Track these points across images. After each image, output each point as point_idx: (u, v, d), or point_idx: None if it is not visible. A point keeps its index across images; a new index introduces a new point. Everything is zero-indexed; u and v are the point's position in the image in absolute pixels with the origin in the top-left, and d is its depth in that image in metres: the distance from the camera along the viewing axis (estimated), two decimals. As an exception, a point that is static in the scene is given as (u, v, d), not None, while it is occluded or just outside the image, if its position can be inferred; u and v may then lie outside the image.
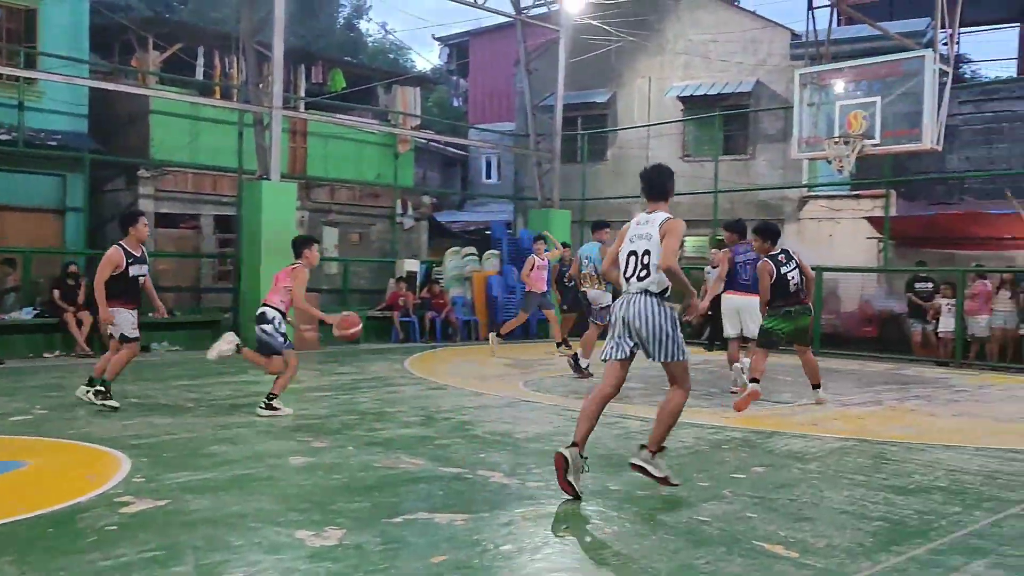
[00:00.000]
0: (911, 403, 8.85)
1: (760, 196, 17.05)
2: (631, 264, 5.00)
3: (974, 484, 5.26)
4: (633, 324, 4.87)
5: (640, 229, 5.05)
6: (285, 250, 8.18)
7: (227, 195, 16.10)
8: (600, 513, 4.49)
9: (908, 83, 12.40)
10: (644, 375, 10.77)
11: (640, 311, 4.85)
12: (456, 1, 16.11)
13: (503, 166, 26.56)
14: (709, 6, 18.71)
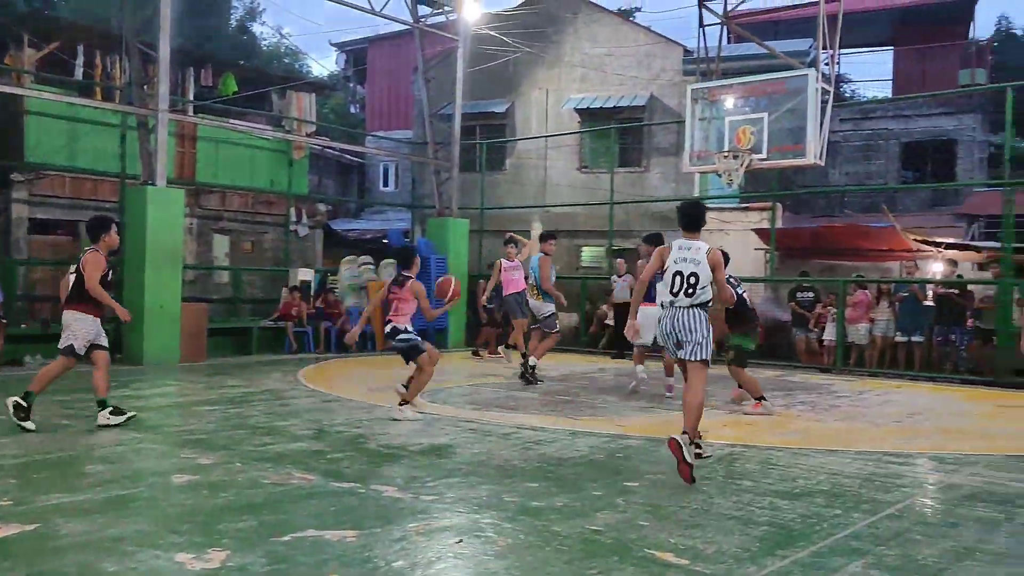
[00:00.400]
0: (796, 409, 9.16)
1: (654, 208, 17.43)
2: (678, 282, 5.85)
3: (853, 487, 5.46)
4: (678, 331, 5.82)
5: (684, 254, 5.89)
6: (172, 258, 7.87)
7: (109, 201, 15.40)
8: (494, 525, 4.45)
9: (793, 100, 12.90)
10: (543, 386, 10.82)
11: (686, 321, 5.79)
12: (353, 7, 15.90)
13: (401, 174, 26.37)
14: (605, 21, 19.06)
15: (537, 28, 18.88)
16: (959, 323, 12.98)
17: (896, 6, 23.04)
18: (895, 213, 15.58)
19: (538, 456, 6.24)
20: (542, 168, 19.22)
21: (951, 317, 12.99)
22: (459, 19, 17.15)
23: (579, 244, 18.80)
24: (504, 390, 10.26)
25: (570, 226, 18.59)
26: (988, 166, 20.09)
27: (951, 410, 9.50)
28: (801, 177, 19.04)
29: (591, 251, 18.71)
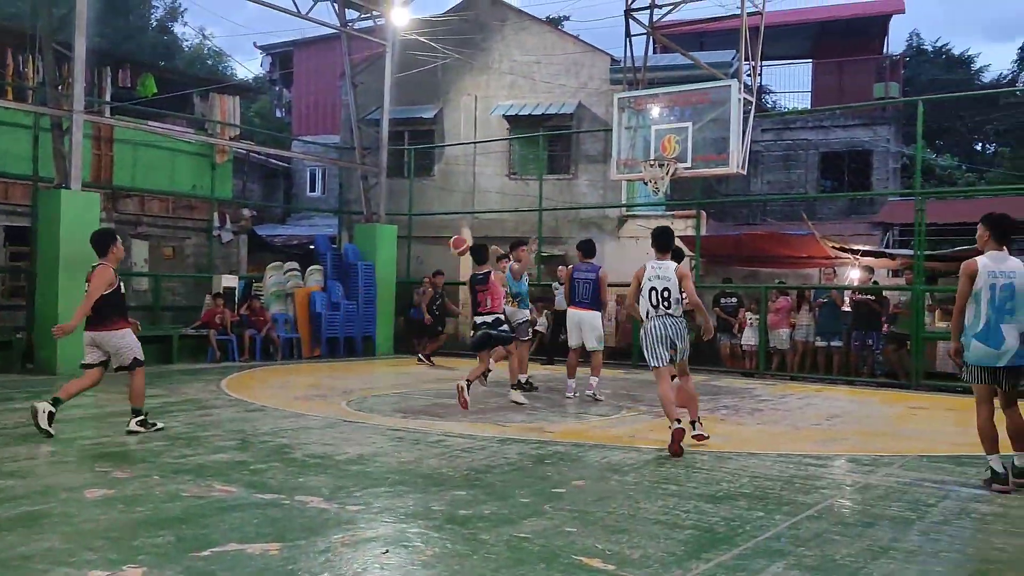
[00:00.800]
0: (720, 413, 9.32)
1: (582, 214, 17.58)
2: (654, 297, 7.08)
3: (775, 489, 5.57)
4: (672, 336, 7.04)
5: (656, 272, 7.13)
6: (85, 263, 7.60)
7: (21, 204, 14.82)
8: (421, 535, 4.40)
9: (716, 111, 13.17)
10: (471, 391, 10.79)
11: (680, 329, 7.08)
12: (279, 10, 15.65)
13: (328, 179, 26.05)
14: (533, 29, 19.17)
15: (466, 35, 18.88)
16: (875, 328, 13.42)
17: (815, 20, 23.75)
18: (814, 221, 16.02)
19: (466, 464, 6.22)
20: (471, 174, 19.21)
21: (867, 322, 13.43)
22: (387, 24, 17.05)
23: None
24: (432, 397, 10.20)
25: (499, 232, 18.60)
26: (901, 176, 20.83)
27: (868, 413, 9.80)
28: (724, 186, 19.47)
29: (520, 257, 18.77)
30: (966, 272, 5.76)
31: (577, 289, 10.22)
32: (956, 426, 8.63)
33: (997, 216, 5.98)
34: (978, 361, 5.74)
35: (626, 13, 14.88)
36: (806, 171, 20.93)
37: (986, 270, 5.71)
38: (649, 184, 13.69)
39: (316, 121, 27.75)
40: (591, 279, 10.14)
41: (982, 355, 5.71)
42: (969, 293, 5.75)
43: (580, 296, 10.17)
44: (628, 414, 9.06)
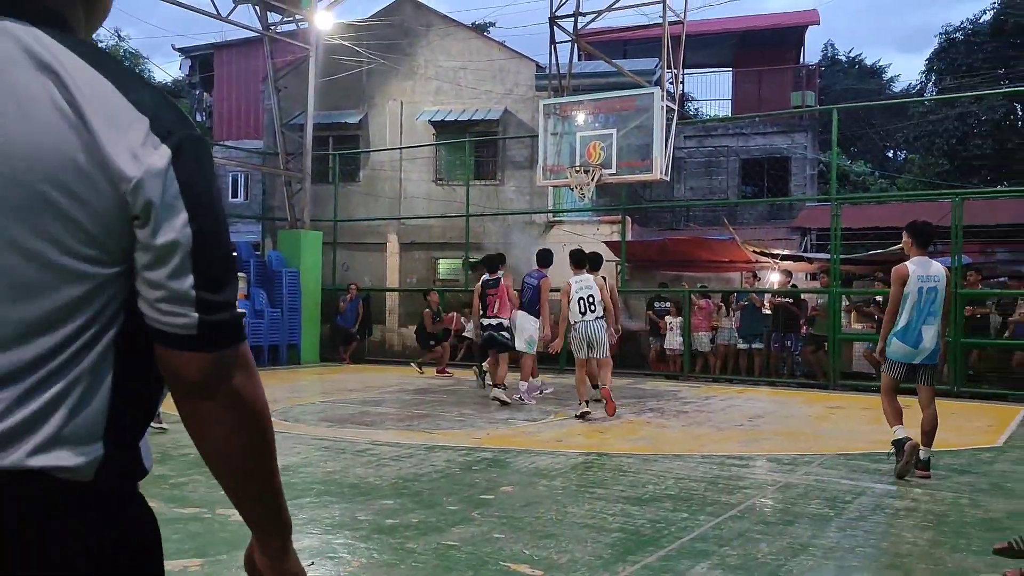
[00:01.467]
0: (646, 416, 9.45)
1: (509, 220, 17.63)
2: (582, 305, 8.96)
3: (699, 490, 5.67)
4: (591, 337, 8.95)
5: (581, 284, 9.08)
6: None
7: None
8: (347, 545, 4.34)
9: (640, 118, 13.37)
10: (399, 398, 10.72)
11: (596, 331, 8.97)
12: (198, 12, 15.30)
13: (251, 185, 25.57)
14: (459, 34, 19.16)
15: (391, 40, 18.77)
16: (794, 330, 13.79)
17: (735, 30, 24.33)
18: (736, 226, 16.39)
19: (394, 472, 6.16)
20: (397, 180, 19.08)
21: (786, 324, 13.79)
22: (311, 28, 16.83)
23: (435, 257, 18.78)
24: (359, 405, 10.09)
25: (426, 238, 18.55)
26: (818, 182, 21.47)
27: (788, 413, 10.06)
28: (649, 191, 19.76)
29: (448, 263, 18.72)
30: (899, 277, 6.10)
31: (524, 293, 10.82)
32: (871, 424, 8.92)
33: (920, 224, 6.34)
34: (898, 358, 6.16)
35: (551, 20, 15.01)
36: (727, 177, 21.39)
37: (915, 275, 6.07)
38: (575, 190, 13.82)
39: (238, 126, 27.21)
40: (534, 285, 10.59)
41: (901, 353, 6.13)
42: (901, 297, 6.08)
43: (524, 298, 10.80)
44: (556, 418, 9.11)
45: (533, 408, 9.92)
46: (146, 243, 1.05)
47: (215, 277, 1.10)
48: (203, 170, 1.10)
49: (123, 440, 1.13)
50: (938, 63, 27.91)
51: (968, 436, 8.23)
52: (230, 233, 1.17)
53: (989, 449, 7.49)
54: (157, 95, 1.10)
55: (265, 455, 1.20)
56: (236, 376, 1.13)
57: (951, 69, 26.38)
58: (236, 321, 1.13)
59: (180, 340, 1.08)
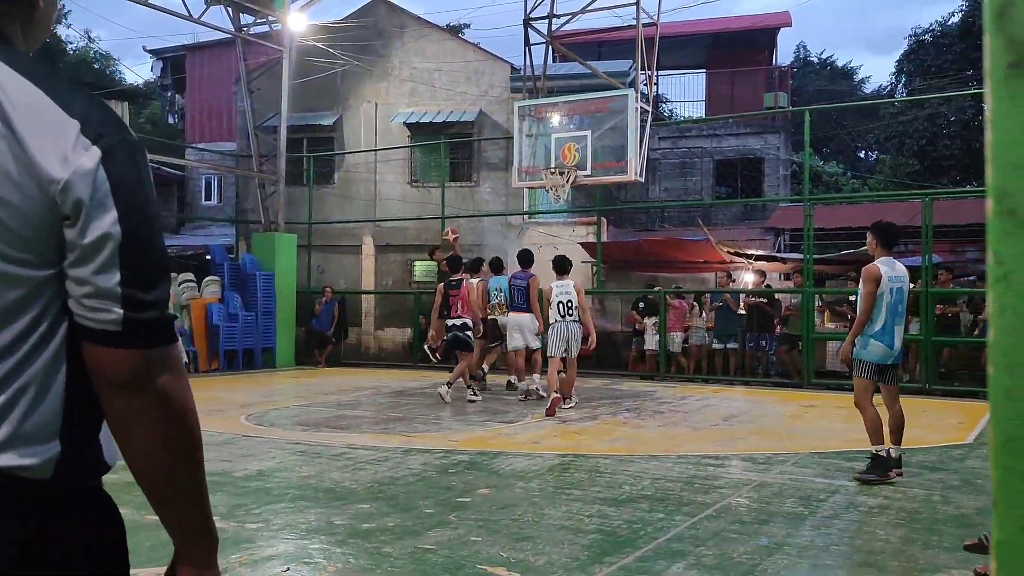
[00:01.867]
0: (622, 416, 9.48)
1: (485, 222, 17.63)
2: (562, 308, 9.76)
3: (675, 490, 5.69)
4: (568, 337, 9.70)
5: (561, 289, 9.87)
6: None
7: None
8: (323, 550, 4.31)
9: (615, 119, 13.42)
10: (375, 401, 10.69)
11: (573, 331, 9.72)
12: (169, 13, 15.17)
13: (224, 187, 25.39)
14: (434, 36, 19.13)
15: (365, 41, 18.71)
16: (768, 330, 13.90)
17: (708, 32, 24.49)
18: (710, 227, 16.48)
19: (370, 476, 6.13)
20: (372, 182, 19.01)
21: (761, 324, 13.89)
22: (284, 30, 16.73)
23: (411, 259, 18.73)
24: (335, 409, 10.03)
25: (401, 240, 18.49)
26: (791, 182, 21.66)
27: (763, 412, 10.13)
28: (624, 193, 19.83)
29: (423, 265, 18.68)
30: (872, 277, 5.97)
31: (515, 295, 11.10)
32: (845, 423, 9.00)
33: (885, 224, 6.28)
34: (875, 359, 6.02)
35: (525, 22, 15.03)
36: (701, 178, 21.51)
37: (886, 275, 6.02)
38: (550, 191, 13.83)
39: (211, 128, 26.99)
40: (523, 286, 10.99)
41: (879, 354, 6.00)
42: (875, 297, 6.00)
43: (518, 302, 11.06)
44: (533, 420, 9.11)
45: (511, 410, 9.92)
46: (74, 242, 1.08)
47: (144, 276, 1.12)
48: (135, 171, 1.13)
49: (80, 437, 1.16)
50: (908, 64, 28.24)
51: (939, 433, 8.34)
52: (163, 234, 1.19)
53: (960, 446, 7.58)
54: (88, 99, 1.13)
55: (191, 457, 1.20)
56: (163, 376, 1.14)
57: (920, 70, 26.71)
58: (166, 321, 1.15)
59: (105, 336, 1.10)
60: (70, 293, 1.10)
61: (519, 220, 17.61)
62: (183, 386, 1.17)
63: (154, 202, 1.16)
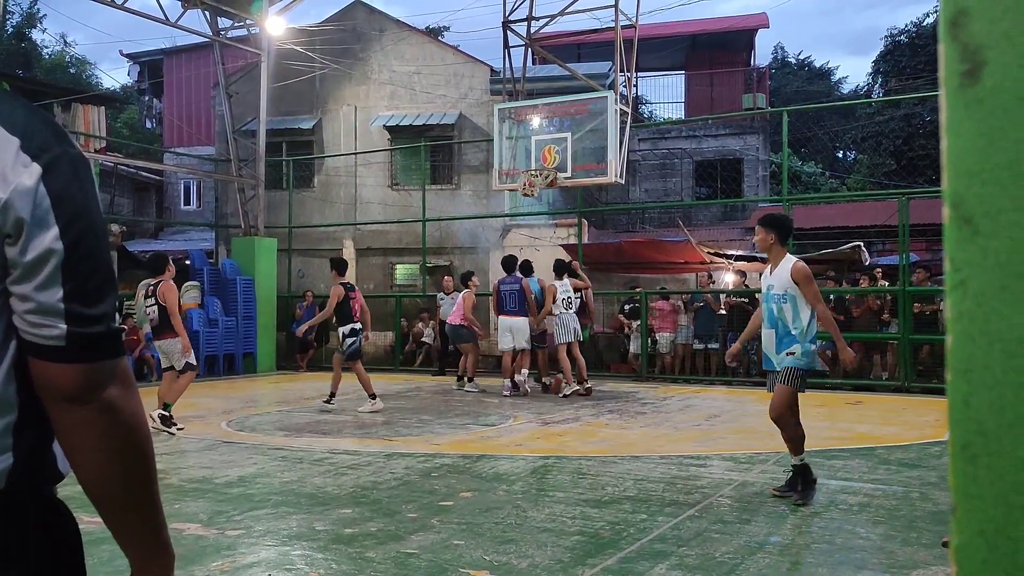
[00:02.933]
0: (605, 418, 9.50)
1: (467, 225, 17.62)
2: (566, 303, 11.50)
3: (657, 491, 5.71)
4: (576, 330, 11.54)
5: (565, 287, 11.54)
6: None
7: None
8: (305, 556, 4.30)
9: (594, 121, 13.45)
10: (357, 405, 10.64)
11: (574, 322, 11.50)
12: (146, 17, 15.07)
13: (203, 192, 25.23)
14: (413, 39, 19.11)
15: (344, 45, 18.66)
16: (749, 329, 13.95)
17: (686, 34, 24.61)
18: (690, 227, 16.54)
19: (352, 481, 6.11)
20: (352, 185, 18.96)
21: (741, 324, 13.94)
22: (262, 33, 16.66)
23: (392, 262, 18.69)
24: (316, 413, 10.00)
25: (383, 244, 18.45)
26: (770, 183, 21.79)
27: (744, 411, 10.17)
28: (605, 194, 19.88)
29: (405, 268, 18.65)
30: (811, 274, 5.50)
31: (505, 300, 11.71)
32: (825, 421, 9.07)
33: (781, 216, 5.87)
34: (817, 365, 5.60)
35: (504, 25, 15.04)
36: (681, 179, 21.60)
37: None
38: (522, 190, 13.80)
39: (189, 132, 26.83)
40: (516, 290, 11.65)
41: (816, 360, 5.54)
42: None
43: (508, 305, 11.67)
44: (515, 423, 9.12)
45: (492, 412, 9.91)
46: (15, 260, 1.07)
47: (87, 290, 1.11)
48: (78, 185, 1.12)
49: (33, 448, 1.15)
50: (884, 65, 28.51)
51: (917, 430, 8.41)
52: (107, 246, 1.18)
53: (938, 443, 7.64)
54: (30, 114, 1.12)
55: (142, 470, 1.20)
56: (110, 389, 1.14)
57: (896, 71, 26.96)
58: (111, 335, 1.14)
59: (50, 352, 1.10)
60: (14, 309, 1.10)
61: (501, 223, 17.61)
62: (131, 398, 1.17)
63: (98, 215, 1.15)
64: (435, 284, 16.51)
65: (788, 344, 5.41)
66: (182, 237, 24.30)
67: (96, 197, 1.15)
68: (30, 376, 1.12)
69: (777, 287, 5.47)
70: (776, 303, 5.46)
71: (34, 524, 1.17)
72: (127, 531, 1.23)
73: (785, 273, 5.44)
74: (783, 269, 5.47)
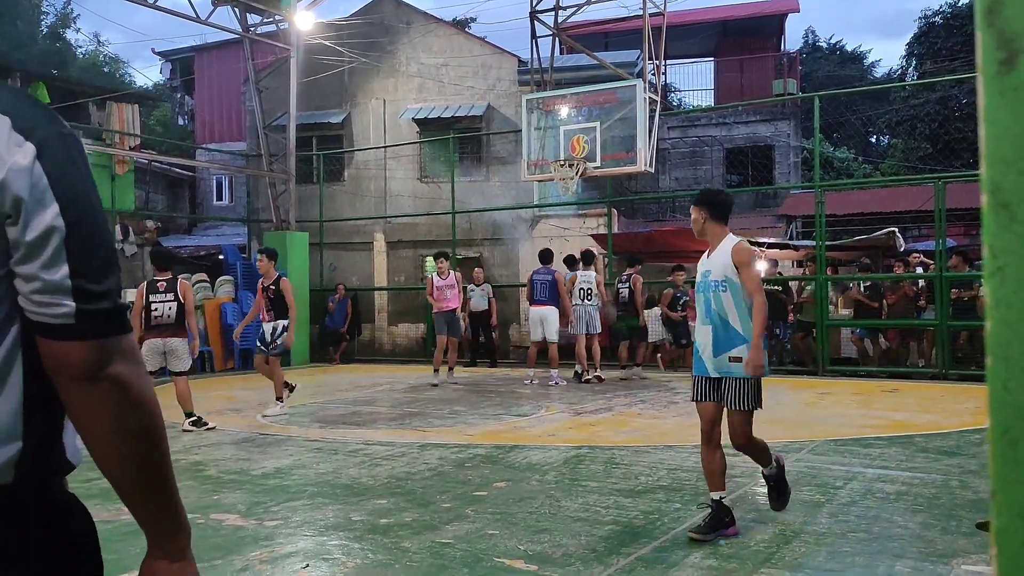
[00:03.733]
0: (638, 408, 9.48)
1: (496, 217, 17.64)
2: (582, 294, 11.82)
3: (691, 480, 5.70)
4: (587, 321, 11.76)
5: (584, 279, 11.90)
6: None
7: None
8: (342, 546, 4.35)
9: (623, 110, 13.39)
10: (390, 398, 10.73)
11: (589, 314, 11.82)
12: (177, 15, 15.23)
13: (235, 187, 25.48)
14: (440, 31, 19.14)
15: (372, 38, 18.73)
16: (782, 318, 13.85)
17: (715, 20, 24.39)
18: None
19: (386, 472, 6.17)
20: (382, 178, 19.05)
21: (775, 312, 13.83)
22: (291, 28, 16.77)
23: (422, 254, 18.76)
24: (350, 406, 10.09)
25: (412, 236, 18.54)
26: (802, 169, 21.57)
27: (778, 400, 10.07)
28: (634, 183, 19.79)
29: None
30: (753, 255, 4.69)
31: (537, 289, 11.88)
32: (861, 409, 9.00)
33: (715, 191, 5.11)
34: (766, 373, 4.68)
35: (531, 15, 15.01)
36: (712, 167, 21.44)
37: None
38: (559, 184, 13.83)
39: (220, 128, 27.08)
40: (548, 280, 11.85)
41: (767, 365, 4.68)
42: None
43: (539, 295, 11.83)
44: (547, 413, 9.14)
45: (525, 403, 9.94)
46: (18, 240, 1.07)
47: (92, 267, 1.11)
48: (73, 163, 1.12)
49: (41, 437, 1.15)
50: (918, 47, 28.05)
51: (956, 418, 8.30)
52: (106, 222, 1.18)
53: (978, 430, 7.54)
54: (16, 94, 1.12)
55: (154, 445, 1.19)
56: (119, 364, 1.13)
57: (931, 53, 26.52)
58: (118, 311, 1.14)
59: (59, 330, 1.09)
60: (19, 291, 1.09)
61: (530, 213, 17.61)
62: (140, 374, 1.16)
63: (94, 192, 1.15)
64: (465, 276, 16.55)
65: (729, 345, 4.46)
66: (215, 232, 24.56)
67: (90, 175, 1.15)
68: (37, 360, 1.11)
69: (715, 272, 4.54)
70: (713, 292, 4.53)
71: (34, 524, 1.15)
72: (143, 508, 1.23)
73: (725, 255, 4.52)
74: (722, 251, 4.56)
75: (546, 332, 11.84)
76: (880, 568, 3.88)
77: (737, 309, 4.47)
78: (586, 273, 11.97)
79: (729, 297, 4.47)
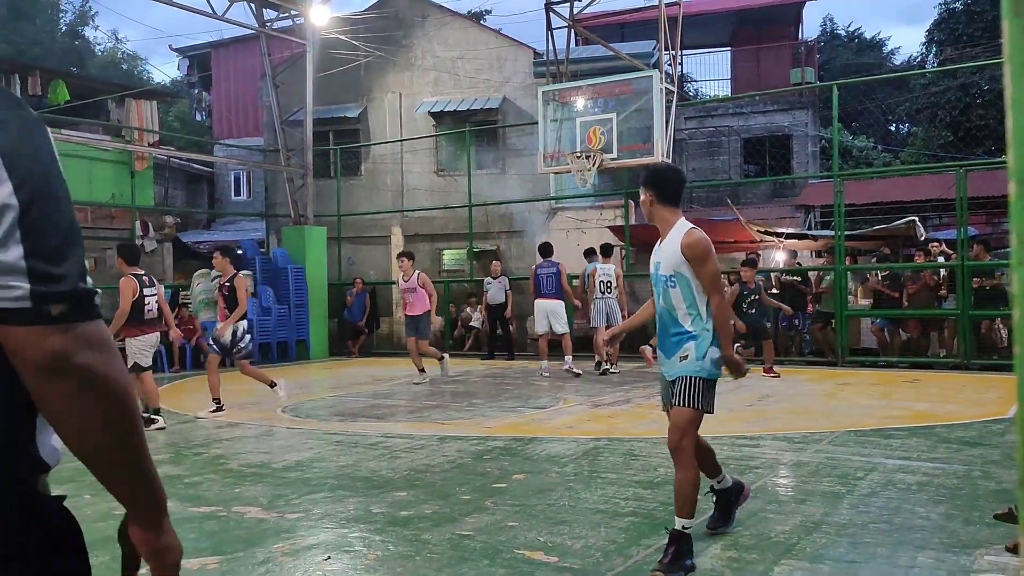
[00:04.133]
0: (656, 400, 9.44)
1: (513, 209, 17.63)
2: (603, 286, 11.99)
3: (711, 472, 5.68)
4: (609, 314, 11.88)
5: (604, 271, 12.04)
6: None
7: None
8: (363, 538, 4.38)
9: (639, 101, 13.34)
10: (409, 391, 10.77)
11: (616, 308, 12.00)
12: (194, 11, 15.30)
13: (253, 182, 25.61)
14: (455, 24, 19.11)
15: (387, 32, 18.74)
16: (801, 308, 13.77)
17: (732, 9, 24.22)
18: (739, 206, 16.36)
19: (406, 464, 6.20)
20: (399, 172, 19.08)
21: (794, 303, 13.76)
22: (307, 23, 16.81)
23: (440, 248, 18.79)
24: (369, 399, 10.13)
25: (430, 230, 18.55)
26: (820, 158, 21.41)
27: (797, 391, 10.07)
28: (651, 174, 19.68)
29: (452, 254, 18.74)
30: (710, 249, 3.98)
31: (542, 283, 12.01)
32: (881, 399, 8.94)
33: (663, 168, 4.54)
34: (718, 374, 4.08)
35: (547, 6, 14.98)
36: (729, 157, 21.33)
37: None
38: (576, 176, 13.80)
39: (238, 124, 27.22)
40: (552, 273, 11.95)
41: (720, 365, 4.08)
42: None
43: (545, 288, 11.96)
44: (565, 405, 9.14)
45: (543, 395, 9.95)
46: None
47: (50, 247, 1.06)
48: (30, 142, 1.08)
49: (12, 436, 1.10)
50: (938, 34, 27.72)
51: (979, 408, 8.24)
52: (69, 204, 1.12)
53: (1000, 420, 7.49)
54: None
55: (127, 434, 1.14)
56: (88, 354, 1.07)
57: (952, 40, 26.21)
58: (80, 294, 1.08)
59: (17, 315, 1.03)
60: None
61: (547, 206, 17.58)
62: (109, 361, 1.10)
63: (57, 175, 1.10)
64: (482, 269, 16.57)
65: (679, 344, 3.97)
66: (234, 227, 24.71)
67: (55, 159, 1.11)
68: (1, 354, 1.05)
69: (665, 266, 3.98)
70: (663, 287, 4.00)
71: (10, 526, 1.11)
72: (118, 489, 1.19)
73: (674, 246, 3.93)
74: (671, 241, 3.97)
75: (554, 325, 11.97)
76: (902, 559, 3.87)
77: (687, 303, 3.93)
78: (606, 266, 12.13)
79: (678, 293, 3.94)
